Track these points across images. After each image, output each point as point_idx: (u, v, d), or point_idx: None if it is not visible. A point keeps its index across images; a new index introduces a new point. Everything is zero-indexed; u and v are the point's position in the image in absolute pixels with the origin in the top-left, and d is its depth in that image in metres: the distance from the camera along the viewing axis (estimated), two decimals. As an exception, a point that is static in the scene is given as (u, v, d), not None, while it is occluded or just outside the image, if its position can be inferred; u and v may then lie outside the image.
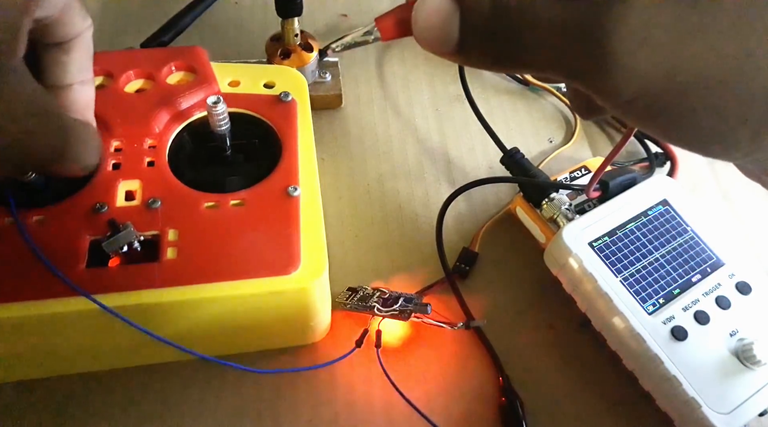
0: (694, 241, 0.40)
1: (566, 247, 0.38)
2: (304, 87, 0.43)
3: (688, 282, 0.39)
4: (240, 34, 0.57)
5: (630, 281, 0.38)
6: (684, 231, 0.41)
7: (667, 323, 0.37)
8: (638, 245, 0.39)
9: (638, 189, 0.41)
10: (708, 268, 0.39)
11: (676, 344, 0.36)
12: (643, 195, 0.41)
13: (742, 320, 0.38)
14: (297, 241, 0.35)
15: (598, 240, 0.39)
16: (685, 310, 0.37)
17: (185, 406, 0.37)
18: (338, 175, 0.48)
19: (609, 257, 0.38)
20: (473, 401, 0.38)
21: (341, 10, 0.60)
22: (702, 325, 0.37)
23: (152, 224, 0.35)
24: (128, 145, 0.37)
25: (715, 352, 0.36)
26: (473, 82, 0.54)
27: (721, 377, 0.36)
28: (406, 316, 0.38)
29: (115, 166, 0.37)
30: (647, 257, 0.39)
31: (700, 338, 0.37)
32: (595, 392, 0.38)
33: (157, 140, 0.38)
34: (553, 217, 0.42)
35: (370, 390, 0.38)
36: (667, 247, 0.40)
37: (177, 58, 0.41)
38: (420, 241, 0.45)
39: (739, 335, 0.37)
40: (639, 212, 0.41)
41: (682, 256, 0.40)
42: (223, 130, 0.38)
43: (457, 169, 0.49)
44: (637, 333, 0.36)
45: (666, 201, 0.41)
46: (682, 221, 0.41)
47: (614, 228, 0.40)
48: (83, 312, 0.32)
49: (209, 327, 0.35)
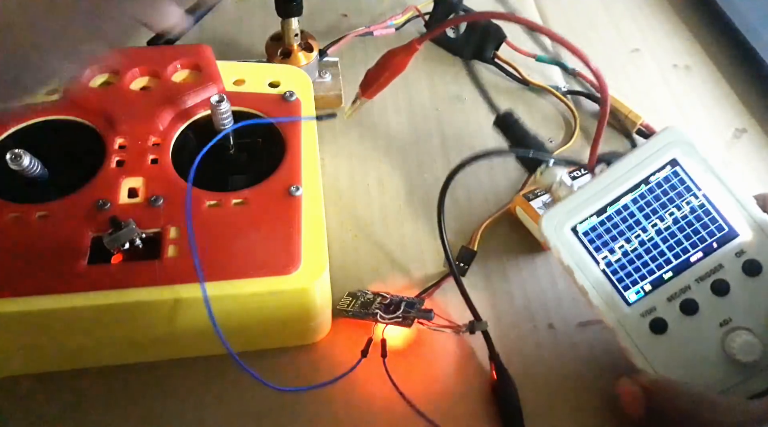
0: (705, 208, 0.35)
1: (545, 237, 0.36)
2: (308, 86, 0.43)
3: (685, 263, 0.35)
4: (240, 34, 0.57)
5: (614, 267, 0.35)
6: (694, 196, 0.35)
7: (647, 315, 0.35)
8: (632, 221, 0.36)
9: (641, 151, 0.36)
10: (715, 243, 0.35)
11: (653, 338, 0.35)
12: (647, 157, 0.36)
13: (740, 307, 0.34)
14: (298, 241, 0.35)
15: (585, 222, 0.36)
16: (671, 299, 0.35)
17: (185, 404, 0.37)
18: (338, 175, 0.48)
19: (594, 240, 0.35)
20: (474, 401, 0.38)
21: (341, 10, 0.60)
22: (688, 315, 0.35)
23: (154, 221, 0.35)
24: (132, 142, 0.38)
25: (699, 345, 0.34)
26: (473, 83, 0.55)
27: (703, 372, 0.34)
28: (409, 323, 0.38)
29: (118, 164, 0.37)
30: (641, 235, 0.35)
31: (682, 330, 0.34)
32: (595, 391, 0.39)
33: (161, 138, 0.38)
34: (550, 187, 0.38)
35: (371, 390, 0.38)
36: (667, 220, 0.35)
37: (183, 56, 0.41)
38: (420, 241, 0.45)
39: (732, 324, 0.34)
40: (639, 180, 0.36)
41: (685, 230, 0.35)
42: (226, 122, 0.38)
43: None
44: (612, 328, 0.35)
45: (675, 161, 0.36)
46: (693, 183, 0.36)
47: (605, 205, 0.36)
48: (92, 308, 0.32)
49: (209, 326, 0.35)
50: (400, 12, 0.58)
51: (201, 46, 0.42)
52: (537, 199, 0.44)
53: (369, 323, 0.39)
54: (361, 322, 0.39)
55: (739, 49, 0.58)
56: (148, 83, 0.41)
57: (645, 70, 0.57)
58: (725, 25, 0.59)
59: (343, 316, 0.40)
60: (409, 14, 0.58)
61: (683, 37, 0.61)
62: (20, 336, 0.34)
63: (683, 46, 0.60)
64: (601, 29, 0.61)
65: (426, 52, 0.57)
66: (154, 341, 0.36)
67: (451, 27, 0.56)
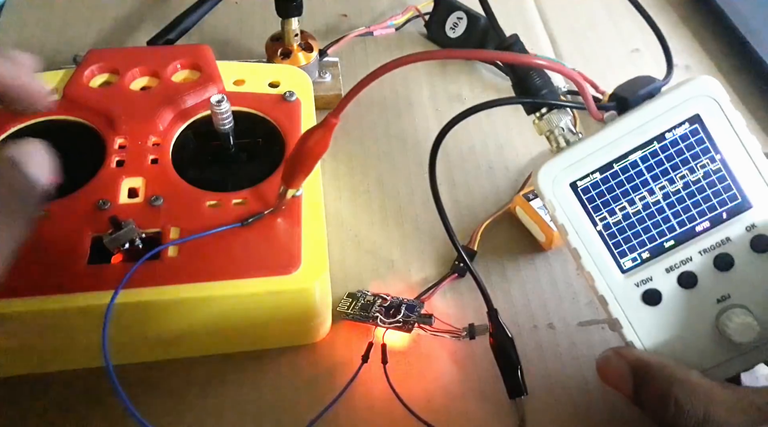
0: (721, 174, 0.32)
1: (540, 190, 0.33)
2: (308, 86, 0.43)
3: (690, 232, 0.32)
4: (240, 34, 0.57)
5: (612, 231, 0.32)
6: (711, 159, 0.32)
7: (641, 285, 0.32)
8: (638, 181, 0.32)
9: (662, 101, 0.32)
10: (725, 213, 0.32)
11: (645, 309, 0.33)
12: (666, 110, 0.32)
13: (741, 284, 0.32)
14: (298, 241, 0.35)
15: (586, 178, 0.32)
16: (669, 270, 0.32)
17: (184, 405, 0.37)
18: (338, 175, 0.48)
19: (594, 199, 0.32)
20: (474, 401, 0.38)
21: (341, 10, 0.60)
22: (684, 289, 0.32)
23: (154, 221, 0.35)
24: (132, 142, 0.38)
25: (692, 320, 0.33)
26: (474, 82, 0.55)
27: (691, 347, 0.33)
28: (410, 328, 0.38)
29: (118, 164, 0.37)
30: (646, 198, 0.32)
31: (677, 303, 0.32)
32: (595, 391, 0.39)
33: (161, 138, 0.38)
34: (549, 133, 0.34)
35: (371, 391, 0.38)
36: (677, 183, 0.32)
37: (183, 56, 0.41)
38: (420, 241, 0.45)
39: (730, 301, 0.32)
40: (653, 136, 0.32)
41: (695, 196, 0.32)
42: (227, 129, 0.38)
43: (457, 169, 0.49)
44: (601, 295, 0.33)
45: (698, 117, 0.32)
46: (712, 145, 0.32)
47: (611, 161, 0.32)
48: (92, 308, 0.32)
49: (209, 326, 0.35)
50: (400, 12, 0.58)
51: (201, 46, 0.42)
52: (537, 199, 0.44)
53: (371, 331, 0.39)
54: (362, 323, 0.39)
55: (739, 49, 0.58)
56: (148, 83, 0.41)
57: (645, 70, 0.56)
58: (725, 25, 0.59)
59: (343, 318, 0.40)
60: (409, 14, 0.58)
61: (683, 37, 0.61)
62: (19, 337, 0.34)
63: (683, 46, 0.60)
64: (601, 29, 0.61)
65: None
66: (154, 341, 0.36)
67: (451, 27, 0.56)
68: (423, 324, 0.38)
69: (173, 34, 0.49)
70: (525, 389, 0.36)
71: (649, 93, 0.32)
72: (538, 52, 0.55)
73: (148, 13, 0.58)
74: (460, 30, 0.56)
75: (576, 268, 0.36)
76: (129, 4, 0.59)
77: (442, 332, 0.39)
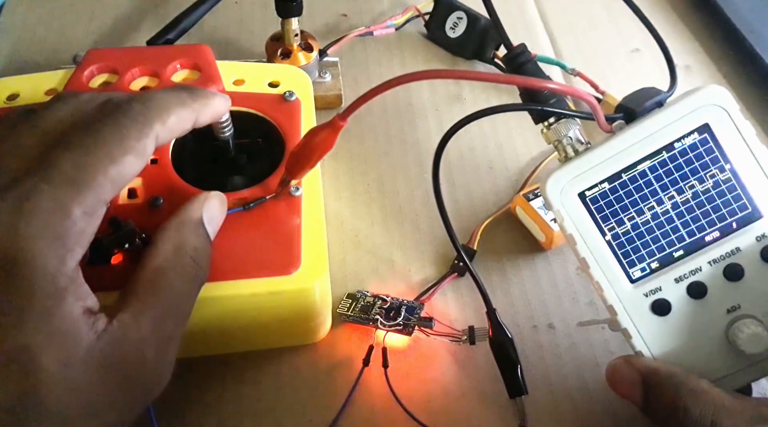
0: (731, 183, 0.32)
1: (548, 200, 0.33)
2: (308, 86, 0.43)
3: (699, 242, 0.32)
4: (240, 34, 0.57)
5: (621, 241, 0.33)
6: (720, 169, 0.32)
7: (650, 295, 0.33)
8: (647, 191, 0.32)
9: (671, 110, 0.32)
10: (735, 223, 0.32)
11: (654, 319, 0.33)
12: (676, 120, 0.32)
13: (752, 295, 0.32)
14: (298, 241, 0.35)
15: (594, 188, 0.33)
16: (679, 281, 0.32)
17: (184, 405, 0.37)
18: (338, 175, 0.48)
19: (603, 209, 0.33)
20: (474, 401, 0.38)
21: (341, 10, 0.60)
22: (694, 299, 0.32)
23: (154, 222, 0.35)
24: (131, 142, 0.37)
25: (702, 330, 0.33)
26: (474, 83, 0.55)
27: (701, 357, 0.33)
28: (410, 331, 0.38)
29: (118, 164, 0.37)
30: (655, 208, 0.32)
31: (686, 313, 0.33)
32: (596, 392, 0.39)
33: (161, 138, 0.38)
34: (558, 143, 0.34)
35: (372, 395, 0.37)
36: (686, 193, 0.32)
37: (182, 56, 0.41)
38: (420, 242, 0.45)
39: (740, 311, 0.32)
40: (662, 146, 0.32)
41: (704, 206, 0.32)
42: (227, 136, 0.38)
43: (457, 169, 0.49)
44: (610, 304, 0.33)
45: (707, 127, 0.32)
46: (722, 155, 0.32)
47: (619, 170, 0.32)
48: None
49: (209, 326, 0.35)
50: (400, 12, 0.58)
51: (201, 46, 0.42)
52: (537, 199, 0.44)
53: (371, 333, 0.39)
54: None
55: (739, 49, 0.58)
56: (147, 83, 0.40)
57: (645, 70, 0.57)
58: (725, 25, 0.59)
59: (343, 320, 0.40)
60: (409, 14, 0.58)
61: (683, 37, 0.61)
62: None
63: (683, 46, 0.60)
64: (601, 29, 0.61)
65: (426, 53, 0.57)
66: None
67: (451, 27, 0.56)
68: (423, 327, 0.38)
69: (173, 34, 0.49)
70: (525, 389, 0.36)
71: (656, 103, 0.33)
72: (539, 52, 0.55)
73: (148, 13, 0.58)
74: (460, 30, 0.56)
75: (577, 269, 0.36)
76: (129, 4, 0.59)
77: (443, 335, 0.39)
